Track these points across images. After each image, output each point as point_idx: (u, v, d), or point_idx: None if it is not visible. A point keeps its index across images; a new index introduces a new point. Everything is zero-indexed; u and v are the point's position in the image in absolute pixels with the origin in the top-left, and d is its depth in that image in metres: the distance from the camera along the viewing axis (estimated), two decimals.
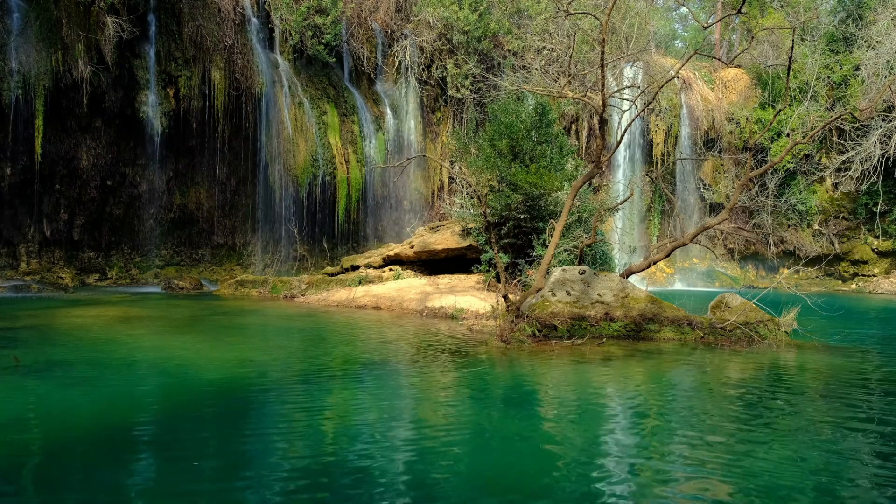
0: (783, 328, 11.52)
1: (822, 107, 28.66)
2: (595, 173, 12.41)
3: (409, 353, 9.96)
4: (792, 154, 28.46)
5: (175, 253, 24.91)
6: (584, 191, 17.91)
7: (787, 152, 12.42)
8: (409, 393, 7.49)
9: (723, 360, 9.64)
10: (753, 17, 34.78)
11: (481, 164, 17.60)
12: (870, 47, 27.43)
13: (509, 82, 21.64)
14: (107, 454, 5.09)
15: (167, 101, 22.72)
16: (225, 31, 23.53)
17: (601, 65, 10.99)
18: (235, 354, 9.62)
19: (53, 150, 21.55)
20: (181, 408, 6.55)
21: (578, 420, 6.38)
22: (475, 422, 6.20)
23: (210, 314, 14.80)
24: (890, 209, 29.10)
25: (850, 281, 30.11)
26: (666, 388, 7.97)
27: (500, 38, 28.43)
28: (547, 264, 11.50)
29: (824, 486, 4.62)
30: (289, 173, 24.62)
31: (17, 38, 19.99)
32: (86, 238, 23.23)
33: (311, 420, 6.09)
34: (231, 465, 4.88)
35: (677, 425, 6.19)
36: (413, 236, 21.39)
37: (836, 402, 7.14)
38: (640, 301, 11.92)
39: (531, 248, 16.29)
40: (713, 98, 31.61)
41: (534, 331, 11.04)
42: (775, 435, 5.78)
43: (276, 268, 25.06)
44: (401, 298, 16.61)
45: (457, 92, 27.63)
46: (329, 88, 26.39)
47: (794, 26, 13.98)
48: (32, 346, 9.70)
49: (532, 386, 7.98)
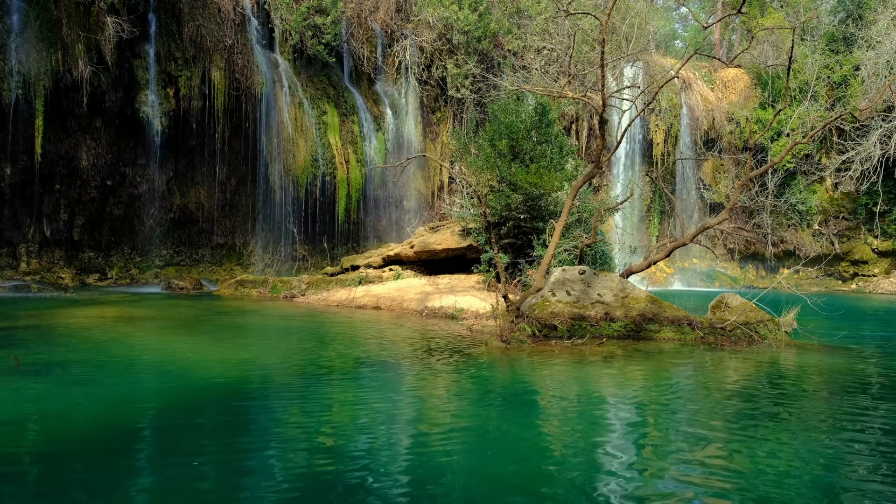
0: (783, 328, 11.52)
1: (822, 107, 28.66)
2: (595, 173, 12.41)
3: (408, 353, 9.95)
4: (792, 154, 28.46)
5: (175, 253, 24.92)
6: (584, 191, 17.91)
7: (787, 152, 12.42)
8: (408, 393, 7.49)
9: (723, 360, 9.64)
10: (753, 17, 34.79)
11: (481, 164, 17.60)
12: (870, 47, 27.43)
13: (509, 82, 21.65)
14: (107, 454, 5.09)
15: (167, 101, 22.72)
16: (225, 31, 23.54)
17: (601, 65, 10.99)
18: (235, 354, 9.62)
19: (53, 150, 21.56)
20: (181, 407, 6.55)
21: (578, 420, 6.38)
22: (475, 422, 6.20)
23: (210, 314, 14.80)
24: (890, 209, 29.10)
25: (850, 281, 30.12)
26: (666, 388, 7.97)
27: (500, 38, 28.43)
28: (547, 264, 11.50)
29: (824, 486, 4.62)
30: (289, 173, 24.62)
31: (17, 38, 19.99)
32: (86, 238, 23.24)
33: (311, 420, 6.08)
34: (231, 465, 4.87)
35: (677, 425, 6.19)
36: (413, 236, 21.39)
37: (836, 403, 7.14)
38: (640, 301, 11.92)
39: (531, 248, 16.29)
40: (713, 98, 31.62)
41: (534, 331, 11.04)
42: (775, 435, 5.78)
43: (276, 268, 25.07)
44: (401, 298, 16.61)
45: (457, 92, 27.63)
46: (329, 88, 26.39)
47: (794, 26, 13.97)
48: (32, 346, 9.70)
49: (532, 386, 7.98)
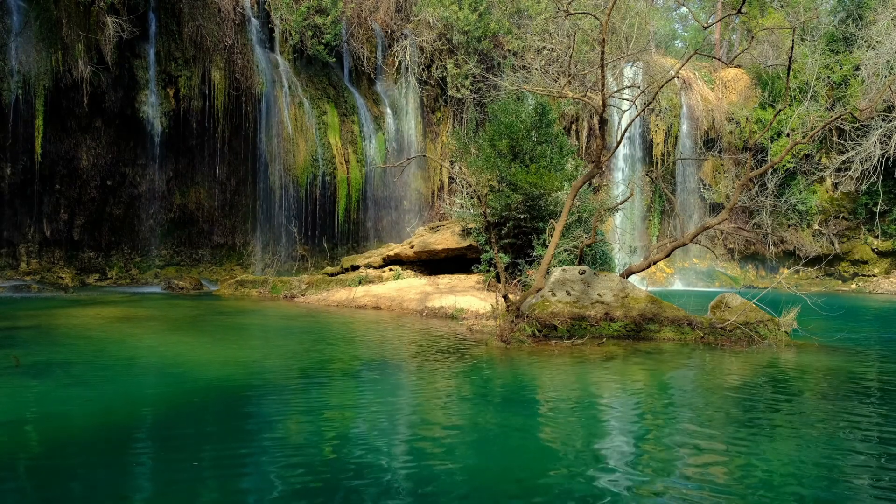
0: (783, 328, 11.51)
1: (822, 107, 28.65)
2: (595, 173, 12.41)
3: (408, 353, 9.95)
4: (792, 154, 28.46)
5: (175, 253, 24.91)
6: (584, 191, 17.91)
7: (787, 152, 12.42)
8: (408, 392, 7.49)
9: (723, 360, 9.64)
10: (753, 17, 34.78)
11: (481, 164, 17.60)
12: (870, 47, 27.43)
13: (509, 82, 21.64)
14: (106, 454, 5.09)
15: (167, 101, 22.72)
16: (225, 31, 23.54)
17: (601, 65, 10.99)
18: (235, 354, 9.62)
19: (53, 150, 21.56)
20: (181, 408, 6.55)
21: (578, 420, 6.38)
22: (475, 422, 6.20)
23: (210, 314, 14.80)
24: (890, 209, 29.10)
25: (850, 281, 30.11)
26: (666, 387, 7.97)
27: (500, 38, 28.42)
28: (547, 264, 11.50)
29: (824, 486, 4.62)
30: (289, 173, 24.62)
31: (17, 38, 19.99)
32: (86, 238, 23.23)
33: (310, 420, 6.08)
34: (231, 465, 4.87)
35: (677, 425, 6.19)
36: (413, 236, 21.38)
37: (836, 403, 7.14)
38: (640, 301, 11.92)
39: (531, 248, 16.29)
40: (713, 98, 31.62)
41: (534, 331, 11.03)
42: (775, 435, 5.78)
43: (276, 268, 25.06)
44: (401, 298, 16.61)
45: (457, 92, 27.63)
46: (329, 88, 26.39)
47: (794, 26, 13.98)
48: (32, 346, 9.69)
49: (532, 386, 7.98)
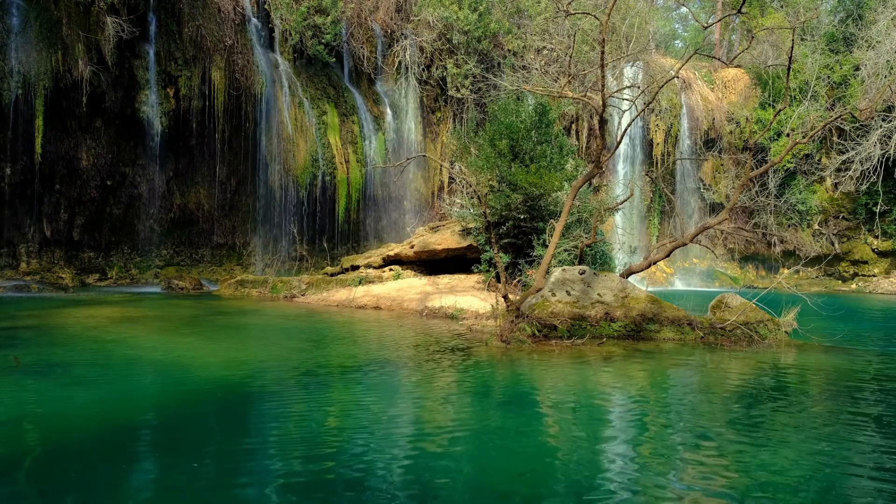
0: (783, 328, 11.51)
1: (822, 107, 28.64)
2: (595, 173, 12.40)
3: (409, 353, 9.95)
4: (792, 154, 28.45)
5: (175, 253, 24.91)
6: (584, 191, 17.90)
7: (787, 152, 12.42)
8: (408, 393, 7.49)
9: (722, 361, 9.64)
10: (753, 17, 34.77)
11: (481, 164, 17.60)
12: (870, 47, 27.42)
13: (509, 82, 21.63)
14: (106, 454, 5.09)
15: (167, 101, 22.72)
16: (225, 31, 23.53)
17: (601, 65, 10.99)
18: (235, 354, 9.62)
19: (53, 150, 21.55)
20: (181, 408, 6.55)
21: (578, 420, 6.38)
22: (475, 422, 6.20)
23: (210, 314, 14.80)
24: (890, 209, 29.10)
25: (850, 281, 30.11)
26: (666, 388, 7.97)
27: (500, 38, 28.42)
28: (547, 264, 11.50)
29: (824, 486, 4.62)
30: (289, 173, 24.62)
31: (17, 38, 19.99)
32: (86, 238, 23.23)
33: (311, 420, 6.08)
34: (230, 466, 4.87)
35: (677, 425, 6.19)
36: (413, 236, 21.38)
37: (836, 403, 7.14)
38: (640, 301, 11.92)
39: (531, 248, 16.29)
40: (713, 98, 31.61)
41: (534, 331, 11.04)
42: (775, 435, 5.78)
43: (276, 268, 25.06)
44: (401, 298, 16.61)
45: (457, 92, 27.62)
46: (329, 88, 26.39)
47: (794, 26, 13.95)
48: (32, 346, 9.70)
49: (532, 386, 7.98)
